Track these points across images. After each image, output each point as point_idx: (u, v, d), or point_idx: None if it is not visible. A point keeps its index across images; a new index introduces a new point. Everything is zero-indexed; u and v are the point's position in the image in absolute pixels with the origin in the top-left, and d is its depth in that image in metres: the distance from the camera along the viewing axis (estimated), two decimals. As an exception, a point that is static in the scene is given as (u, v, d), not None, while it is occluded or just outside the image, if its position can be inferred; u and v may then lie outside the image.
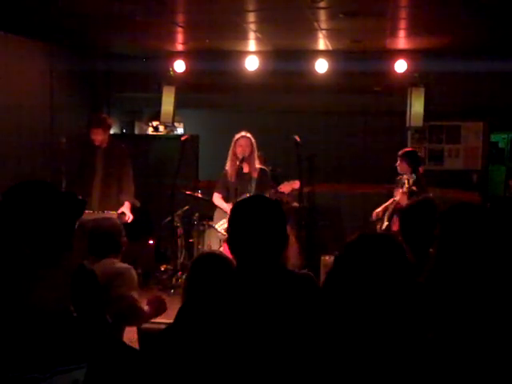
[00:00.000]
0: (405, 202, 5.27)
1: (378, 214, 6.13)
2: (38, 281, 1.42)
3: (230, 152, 5.98)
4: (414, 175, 5.68)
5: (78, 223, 1.60)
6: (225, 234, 5.57)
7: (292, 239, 5.31)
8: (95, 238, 3.56)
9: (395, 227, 5.50)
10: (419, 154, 6.72)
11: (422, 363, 1.65)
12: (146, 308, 3.31)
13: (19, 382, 1.34)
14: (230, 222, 2.07)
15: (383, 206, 6.13)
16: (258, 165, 6.03)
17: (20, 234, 1.42)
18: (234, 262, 2.49)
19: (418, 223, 2.81)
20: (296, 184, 5.92)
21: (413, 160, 6.04)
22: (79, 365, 1.39)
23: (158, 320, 3.34)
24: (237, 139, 5.96)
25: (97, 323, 1.90)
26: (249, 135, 5.97)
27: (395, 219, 5.59)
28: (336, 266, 1.77)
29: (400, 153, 6.13)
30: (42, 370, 1.36)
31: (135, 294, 3.40)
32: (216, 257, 2.59)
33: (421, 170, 6.18)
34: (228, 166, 6.01)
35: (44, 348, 1.38)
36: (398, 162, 6.05)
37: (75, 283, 1.60)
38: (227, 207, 5.83)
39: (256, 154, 6.03)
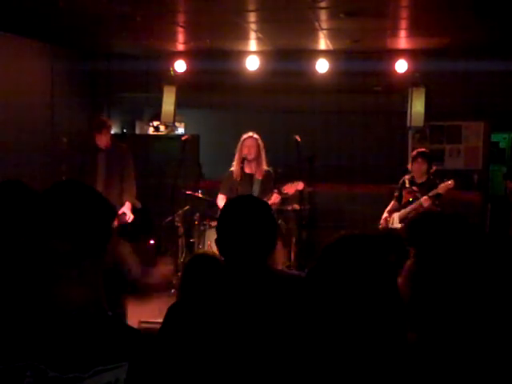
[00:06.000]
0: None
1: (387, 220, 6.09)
2: (66, 279, 1.42)
3: (237, 152, 5.97)
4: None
5: None
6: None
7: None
8: None
9: None
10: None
11: (403, 367, 1.61)
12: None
13: (60, 381, 1.34)
14: (218, 221, 2.05)
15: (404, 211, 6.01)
16: (265, 167, 5.98)
17: (57, 230, 1.42)
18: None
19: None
20: (300, 185, 5.84)
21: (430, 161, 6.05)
22: (120, 363, 1.39)
23: (158, 320, 3.33)
24: (243, 139, 5.93)
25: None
26: (255, 136, 5.93)
27: None
28: (315, 269, 1.70)
29: (419, 152, 6.07)
30: (82, 369, 1.36)
31: None
32: (209, 257, 2.60)
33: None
34: (234, 166, 6.01)
35: (83, 347, 1.38)
36: (419, 161, 5.97)
37: None
38: None
39: (264, 155, 5.98)
